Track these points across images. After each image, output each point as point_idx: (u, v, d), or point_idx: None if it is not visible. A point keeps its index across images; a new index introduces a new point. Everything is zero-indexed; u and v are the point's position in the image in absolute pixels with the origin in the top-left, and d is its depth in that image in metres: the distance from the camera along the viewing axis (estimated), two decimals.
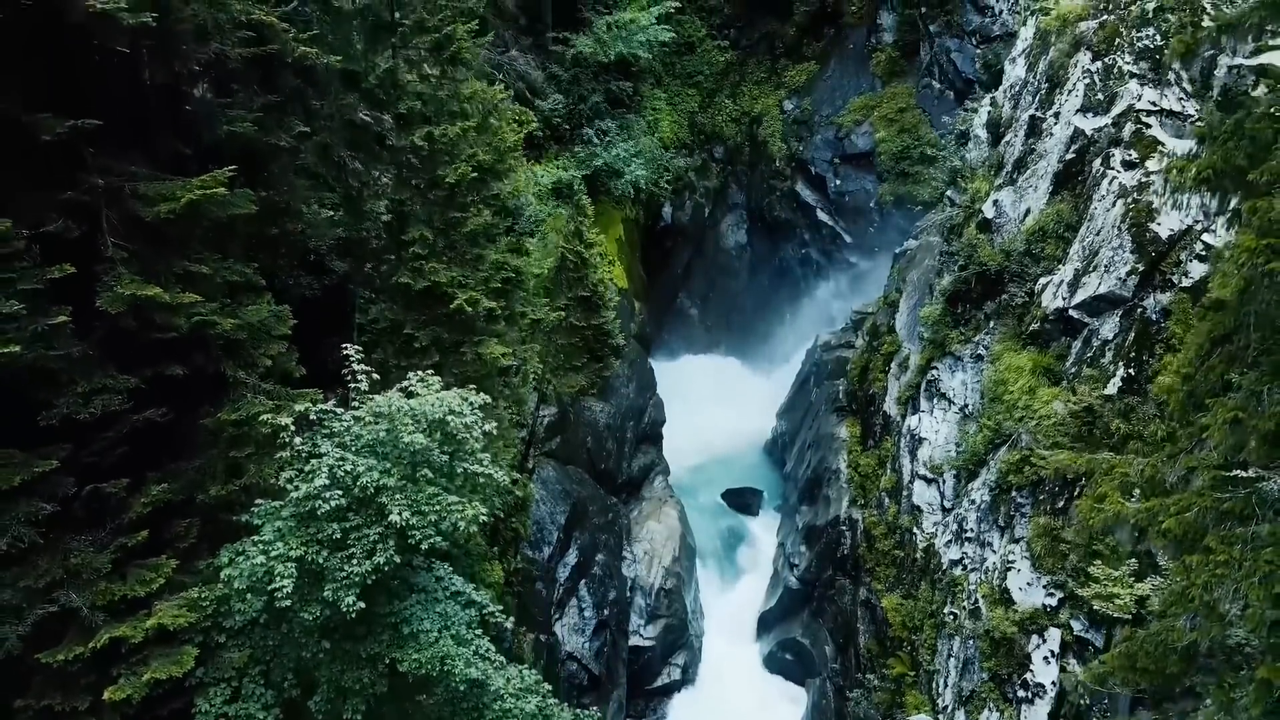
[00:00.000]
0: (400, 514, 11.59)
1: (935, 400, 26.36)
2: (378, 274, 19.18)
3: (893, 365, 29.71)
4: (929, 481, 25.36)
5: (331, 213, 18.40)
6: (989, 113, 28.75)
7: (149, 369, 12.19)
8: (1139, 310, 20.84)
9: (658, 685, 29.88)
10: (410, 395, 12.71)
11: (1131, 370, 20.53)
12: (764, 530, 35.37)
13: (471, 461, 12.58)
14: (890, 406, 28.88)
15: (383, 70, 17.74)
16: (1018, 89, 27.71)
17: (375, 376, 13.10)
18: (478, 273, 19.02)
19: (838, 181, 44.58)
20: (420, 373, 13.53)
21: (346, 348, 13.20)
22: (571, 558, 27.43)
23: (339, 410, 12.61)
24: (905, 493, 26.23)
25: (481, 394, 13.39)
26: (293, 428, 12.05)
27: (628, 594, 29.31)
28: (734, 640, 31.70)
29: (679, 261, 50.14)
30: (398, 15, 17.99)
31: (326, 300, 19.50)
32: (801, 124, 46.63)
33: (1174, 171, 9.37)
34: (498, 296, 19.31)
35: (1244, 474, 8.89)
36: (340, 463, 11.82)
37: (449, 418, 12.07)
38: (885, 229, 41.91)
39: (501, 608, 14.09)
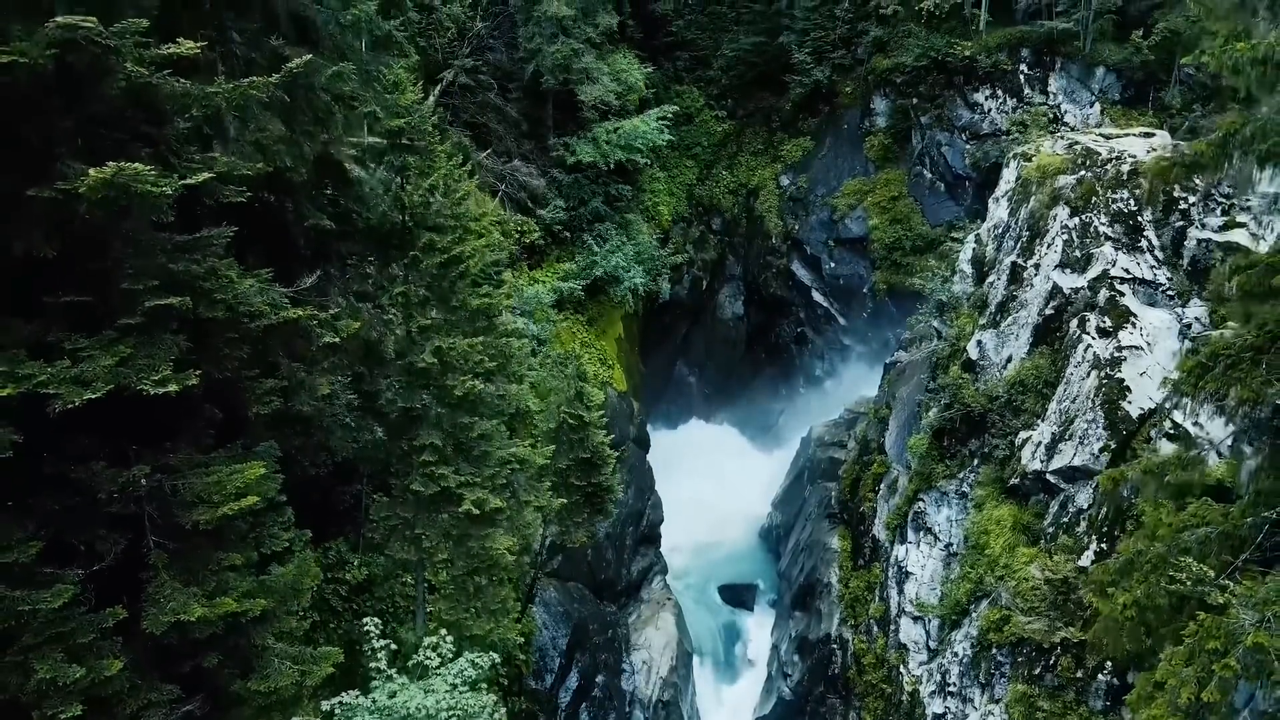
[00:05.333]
0: None
1: (922, 534, 27.53)
2: (389, 470, 20.30)
3: (882, 487, 30.87)
4: (915, 619, 26.53)
5: (347, 422, 19.63)
6: (974, 249, 29.82)
7: (187, 663, 13.31)
8: None
9: None
10: (423, 675, 13.89)
11: (1104, 545, 21.67)
12: (759, 627, 36.58)
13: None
14: (879, 530, 30.04)
15: (397, 291, 18.86)
16: (1001, 231, 28.78)
17: (393, 647, 14.26)
18: (484, 469, 20.14)
19: (832, 264, 45.60)
20: (434, 638, 14.69)
21: (366, 623, 14.37)
22: (573, 681, 28.55)
23: (361, 699, 13.76)
24: (893, 626, 27.42)
25: (492, 654, 14.56)
26: None
27: (626, 709, 30.46)
28: None
29: (678, 332, 51.16)
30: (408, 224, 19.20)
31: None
32: (797, 201, 47.55)
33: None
34: (503, 490, 20.42)
35: None
36: None
37: None
38: (879, 318, 42.99)
39: None
